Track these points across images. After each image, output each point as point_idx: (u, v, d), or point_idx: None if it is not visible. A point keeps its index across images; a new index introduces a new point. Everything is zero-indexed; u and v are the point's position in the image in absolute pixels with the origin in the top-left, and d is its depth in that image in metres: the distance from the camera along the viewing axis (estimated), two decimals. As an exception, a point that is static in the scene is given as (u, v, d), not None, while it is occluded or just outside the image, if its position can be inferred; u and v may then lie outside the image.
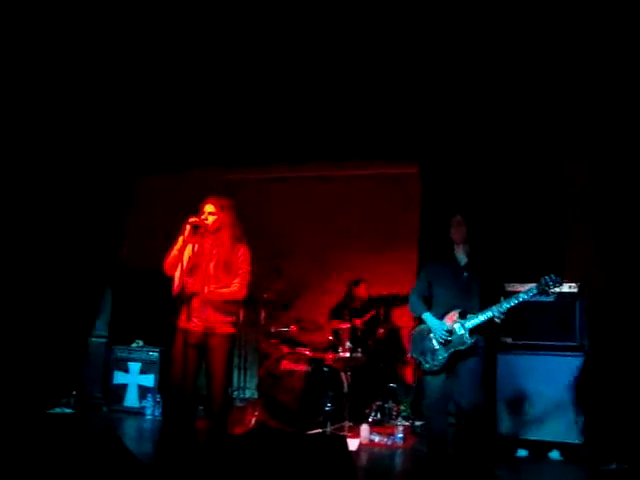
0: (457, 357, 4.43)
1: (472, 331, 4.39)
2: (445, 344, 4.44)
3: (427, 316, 4.56)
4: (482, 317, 4.36)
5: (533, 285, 4.33)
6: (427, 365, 4.52)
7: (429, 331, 4.54)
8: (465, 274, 4.53)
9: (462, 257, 4.60)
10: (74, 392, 7.02)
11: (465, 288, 4.50)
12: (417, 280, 4.82)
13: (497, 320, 4.35)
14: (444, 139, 7.06)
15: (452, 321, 4.44)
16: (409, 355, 4.89)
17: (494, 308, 4.33)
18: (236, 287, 4.62)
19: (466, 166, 7.08)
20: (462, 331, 4.40)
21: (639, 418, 5.50)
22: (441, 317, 4.50)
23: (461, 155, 7.10)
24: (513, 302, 4.30)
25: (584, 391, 5.59)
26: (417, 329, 4.72)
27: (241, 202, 4.90)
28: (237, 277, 4.63)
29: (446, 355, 4.43)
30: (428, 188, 7.31)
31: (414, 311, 4.73)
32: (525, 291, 4.32)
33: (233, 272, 4.63)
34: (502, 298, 4.39)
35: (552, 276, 4.27)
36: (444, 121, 6.85)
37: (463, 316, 4.42)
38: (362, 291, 7.13)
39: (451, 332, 4.42)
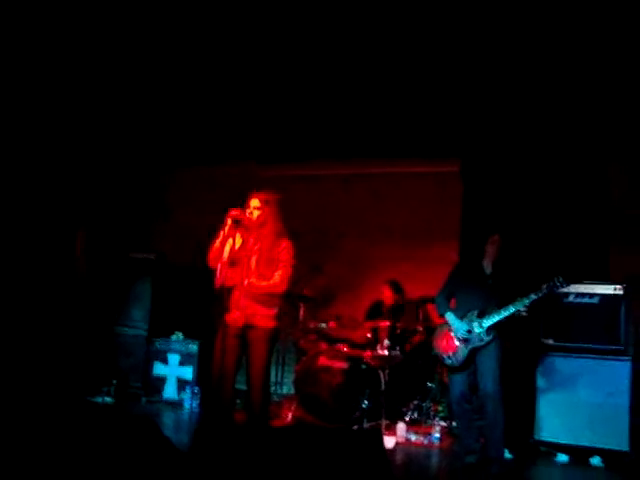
0: (476, 353, 4.83)
1: (489, 329, 4.77)
2: (465, 342, 4.80)
3: (449, 315, 4.96)
4: (498, 316, 4.75)
5: (544, 285, 4.71)
6: (449, 361, 4.93)
7: (450, 330, 4.92)
8: (489, 282, 4.94)
9: (488, 267, 5.00)
10: (114, 382, 7.14)
11: (486, 293, 4.89)
12: (445, 282, 5.15)
13: (514, 315, 4.73)
14: (486, 138, 7.00)
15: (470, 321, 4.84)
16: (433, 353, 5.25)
17: (510, 307, 4.71)
18: (277, 280, 4.63)
19: (508, 166, 7.01)
20: (480, 329, 4.78)
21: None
22: (462, 317, 4.89)
23: (503, 155, 7.03)
24: (525, 302, 4.69)
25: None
26: (439, 328, 5.11)
27: (285, 198, 4.92)
28: (278, 270, 4.65)
29: (466, 352, 4.83)
30: (469, 187, 7.26)
31: (439, 310, 5.11)
32: (536, 292, 4.70)
33: (274, 266, 4.65)
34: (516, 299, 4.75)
35: (560, 278, 4.70)
36: (487, 120, 6.79)
37: (481, 315, 4.82)
38: (386, 294, 7.06)
39: (470, 331, 4.79)
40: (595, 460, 5.46)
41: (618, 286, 5.70)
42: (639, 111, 6.13)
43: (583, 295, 5.77)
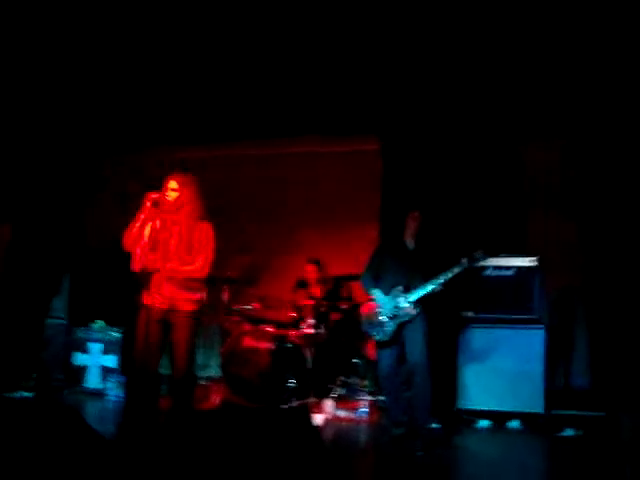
0: (403, 327, 4.96)
1: (415, 303, 4.91)
2: (392, 317, 4.93)
3: (376, 292, 5.08)
4: (423, 290, 4.90)
5: (465, 259, 4.92)
6: (377, 337, 5.06)
7: (377, 306, 5.02)
8: (411, 257, 5.08)
9: (410, 243, 5.14)
10: (34, 375, 6.91)
11: (410, 268, 5.03)
12: (369, 260, 5.26)
13: (437, 289, 4.90)
14: (405, 116, 7.08)
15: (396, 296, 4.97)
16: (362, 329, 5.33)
17: (433, 281, 4.88)
18: (198, 264, 4.56)
19: (427, 145, 7.13)
20: (406, 304, 4.90)
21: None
22: (387, 293, 5.01)
23: (422, 134, 7.14)
24: (448, 275, 4.87)
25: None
26: (366, 304, 5.22)
27: (202, 179, 4.84)
28: (199, 255, 4.59)
29: (394, 326, 4.96)
30: (389, 166, 7.34)
31: (365, 287, 5.23)
32: (458, 265, 4.89)
33: (195, 249, 4.58)
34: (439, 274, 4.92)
35: (480, 252, 4.92)
36: (404, 97, 6.86)
37: (407, 290, 4.96)
38: (309, 272, 7.09)
39: (396, 306, 4.91)
40: (514, 423, 5.73)
41: (532, 258, 5.93)
42: (549, 88, 6.35)
43: (500, 268, 5.99)
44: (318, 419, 5.69)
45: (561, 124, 6.65)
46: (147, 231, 4.46)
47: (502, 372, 5.78)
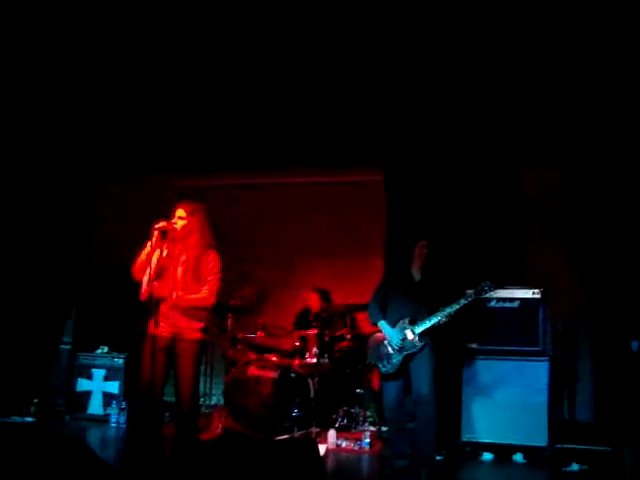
0: (410, 359, 4.94)
1: (421, 335, 4.90)
2: (399, 349, 4.93)
3: (382, 324, 5.06)
4: (429, 322, 4.90)
5: (472, 291, 4.96)
6: (384, 369, 5.02)
7: (384, 338, 5.03)
8: (417, 289, 5.07)
9: (417, 274, 5.13)
10: (36, 400, 6.90)
11: (416, 300, 5.02)
12: (375, 291, 5.25)
13: (444, 320, 4.90)
14: (407, 147, 7.15)
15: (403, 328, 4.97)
16: (368, 361, 5.32)
17: (440, 313, 4.89)
18: (205, 294, 4.59)
19: (429, 174, 7.20)
20: (412, 336, 4.91)
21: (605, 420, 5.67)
22: (394, 325, 5.01)
23: (424, 163, 7.21)
24: (455, 307, 4.89)
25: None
26: (373, 336, 5.21)
27: (210, 208, 4.89)
28: (206, 284, 4.60)
29: (400, 358, 4.94)
30: (393, 196, 7.40)
31: (371, 319, 5.21)
32: (465, 297, 4.92)
33: (202, 278, 4.60)
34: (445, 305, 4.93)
35: (487, 282, 4.94)
36: (407, 129, 6.95)
37: (413, 322, 4.95)
38: (312, 301, 7.11)
39: (404, 338, 4.90)
40: (518, 457, 5.68)
41: (536, 290, 5.95)
42: (548, 118, 6.42)
43: (504, 300, 5.99)
44: (321, 449, 5.65)
45: (561, 154, 6.71)
46: (154, 259, 4.50)
47: (506, 404, 5.75)
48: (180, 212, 4.63)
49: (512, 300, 5.98)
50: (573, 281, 6.59)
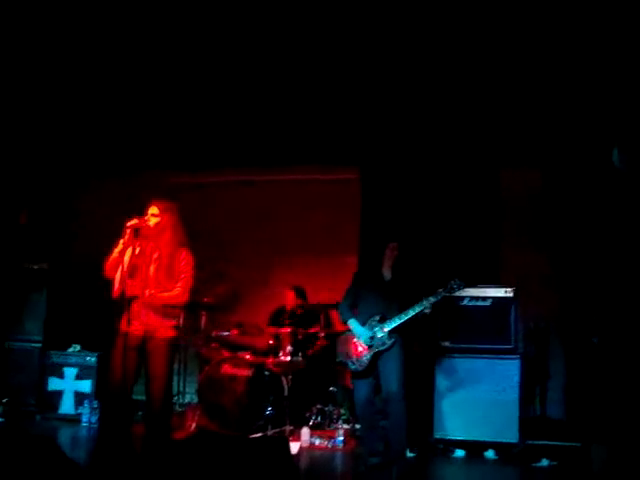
0: (379, 356, 4.95)
1: (391, 333, 4.91)
2: (368, 347, 4.96)
3: (352, 322, 5.10)
4: (398, 320, 4.91)
5: (441, 289, 4.94)
6: (353, 367, 5.04)
7: (354, 336, 5.04)
8: (387, 288, 5.08)
9: (387, 273, 5.14)
10: (5, 400, 6.80)
11: (386, 298, 5.04)
12: (347, 290, 5.28)
13: (414, 318, 4.90)
14: (384, 145, 7.17)
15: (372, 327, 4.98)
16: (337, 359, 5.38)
17: (409, 310, 4.89)
18: (178, 291, 4.58)
19: (405, 172, 7.23)
20: (382, 334, 4.92)
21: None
22: (363, 324, 5.03)
23: (400, 161, 7.23)
24: (424, 304, 4.88)
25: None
26: (343, 335, 5.26)
27: (183, 206, 4.86)
28: (179, 281, 4.59)
29: (369, 356, 4.95)
30: (368, 195, 7.42)
31: (341, 317, 5.26)
32: (434, 295, 4.91)
33: (175, 276, 4.59)
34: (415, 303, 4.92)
35: (457, 280, 4.93)
36: (383, 127, 6.96)
37: (382, 320, 4.96)
38: (289, 299, 7.11)
39: (373, 336, 4.92)
40: (489, 453, 5.74)
41: (509, 289, 6.02)
42: (525, 115, 6.47)
43: (477, 298, 6.05)
44: (294, 447, 5.66)
45: (538, 153, 6.77)
46: (127, 257, 4.46)
47: (478, 402, 5.81)
48: (153, 209, 4.60)
49: (485, 299, 6.04)
50: (546, 281, 6.66)
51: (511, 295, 6.00)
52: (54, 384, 6.92)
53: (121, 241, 4.48)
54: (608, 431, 4.94)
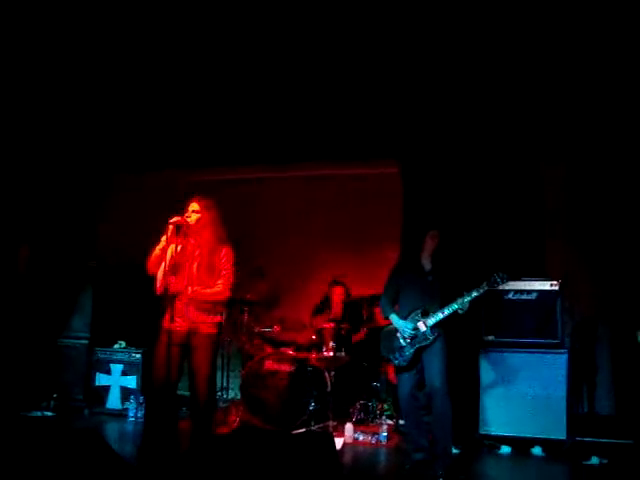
0: (422, 351, 4.92)
1: (433, 327, 4.86)
2: (411, 341, 4.90)
3: (393, 317, 5.06)
4: (441, 314, 4.85)
5: (485, 282, 4.83)
6: (396, 362, 5.01)
7: (396, 330, 5.01)
8: (429, 278, 5.03)
9: (427, 263, 5.09)
10: (55, 395, 6.96)
11: (428, 291, 4.98)
12: (386, 284, 5.23)
13: (460, 311, 4.83)
14: (425, 139, 7.09)
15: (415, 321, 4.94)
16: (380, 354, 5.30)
17: (452, 305, 4.81)
18: (219, 288, 4.62)
19: (446, 165, 7.13)
20: (424, 328, 4.88)
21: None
22: (405, 317, 4.98)
23: (441, 154, 7.14)
24: (468, 299, 4.80)
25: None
26: (385, 329, 5.21)
27: (223, 203, 4.89)
28: (220, 278, 4.63)
29: (412, 350, 4.92)
30: (409, 188, 7.34)
31: (383, 312, 5.21)
32: (477, 288, 4.81)
33: (216, 273, 4.63)
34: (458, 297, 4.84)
35: (500, 274, 4.82)
36: (425, 121, 6.88)
37: (425, 314, 4.92)
38: (337, 294, 7.11)
39: (415, 331, 4.89)
40: (536, 450, 5.63)
41: (554, 282, 5.88)
42: (568, 113, 6.34)
43: (521, 292, 5.94)
44: (337, 443, 5.65)
45: (581, 146, 6.62)
46: (169, 254, 4.51)
47: (524, 397, 5.71)
48: (194, 206, 4.64)
49: (530, 292, 5.92)
50: (592, 274, 6.50)
51: (557, 288, 5.86)
52: (101, 380, 7.07)
53: (163, 238, 4.53)
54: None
